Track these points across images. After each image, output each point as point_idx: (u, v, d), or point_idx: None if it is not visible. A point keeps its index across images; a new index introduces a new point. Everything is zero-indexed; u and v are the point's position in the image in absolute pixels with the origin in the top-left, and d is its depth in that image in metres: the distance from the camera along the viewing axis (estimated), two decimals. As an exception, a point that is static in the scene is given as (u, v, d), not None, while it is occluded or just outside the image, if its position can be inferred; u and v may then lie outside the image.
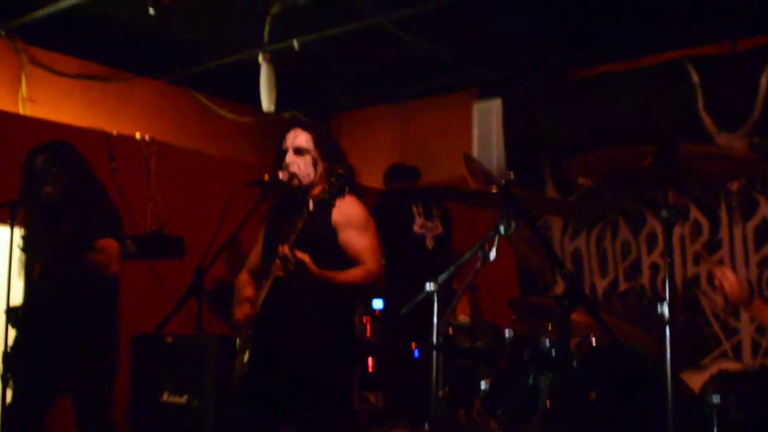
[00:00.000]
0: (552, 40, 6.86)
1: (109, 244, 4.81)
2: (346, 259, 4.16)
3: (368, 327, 6.41)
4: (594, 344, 3.57)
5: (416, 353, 6.27)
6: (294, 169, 4.20)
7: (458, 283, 5.46)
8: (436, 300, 3.62)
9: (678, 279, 6.31)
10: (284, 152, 4.27)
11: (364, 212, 4.24)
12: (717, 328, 6.27)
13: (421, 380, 5.95)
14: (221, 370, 5.69)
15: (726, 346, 6.21)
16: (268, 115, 7.12)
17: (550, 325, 3.89)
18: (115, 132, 6.92)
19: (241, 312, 4.24)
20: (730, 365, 5.86)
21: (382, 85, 8.05)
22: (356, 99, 8.45)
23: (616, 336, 3.37)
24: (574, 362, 3.54)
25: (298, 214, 3.98)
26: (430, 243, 6.56)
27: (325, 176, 4.22)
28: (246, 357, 4.15)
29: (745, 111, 6.25)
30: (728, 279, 3.90)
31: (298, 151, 4.24)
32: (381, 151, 8.21)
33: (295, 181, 4.19)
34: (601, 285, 6.79)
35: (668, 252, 3.25)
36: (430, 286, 3.60)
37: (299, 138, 4.27)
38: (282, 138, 4.33)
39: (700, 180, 3.99)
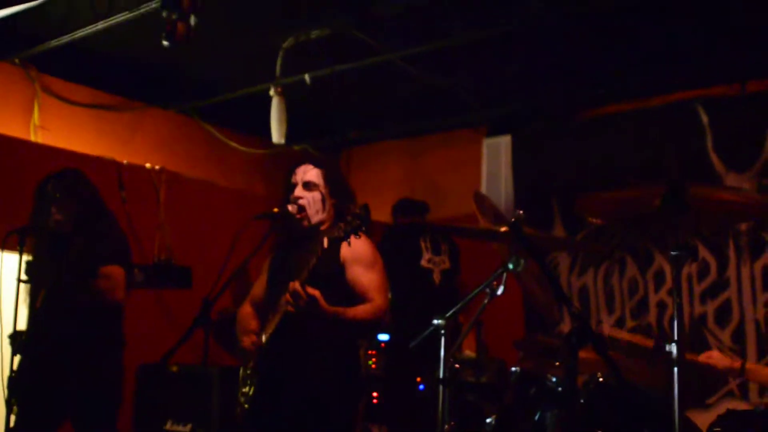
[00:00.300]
0: (562, 79, 6.91)
1: (115, 270, 4.82)
2: (352, 295, 4.16)
3: (373, 360, 6.39)
4: (601, 381, 3.57)
5: (421, 387, 6.27)
6: (303, 202, 4.22)
7: (464, 317, 5.47)
8: (443, 335, 3.63)
9: (685, 317, 6.30)
10: (293, 186, 4.29)
11: (372, 249, 4.25)
12: (723, 368, 6.25)
13: (425, 414, 5.97)
14: (225, 400, 5.70)
15: (732, 385, 6.19)
16: (278, 147, 7.16)
17: (557, 363, 3.88)
18: (125, 161, 6.96)
19: (249, 339, 4.24)
20: (737, 405, 5.84)
21: (393, 120, 8.09)
22: (366, 133, 8.49)
23: (623, 374, 3.37)
24: (582, 399, 3.54)
25: (310, 250, 3.97)
26: (437, 278, 6.56)
27: (335, 212, 4.24)
28: (249, 390, 4.15)
29: (754, 152, 6.27)
30: (714, 359, 3.93)
31: (308, 186, 4.26)
32: (390, 186, 8.23)
33: (305, 222, 4.21)
34: (608, 322, 6.77)
35: (677, 292, 3.26)
36: (438, 321, 3.62)
37: (309, 173, 4.29)
38: (292, 172, 4.35)
39: (709, 221, 4.00)
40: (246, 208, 6.99)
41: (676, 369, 3.16)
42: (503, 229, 3.74)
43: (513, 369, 3.98)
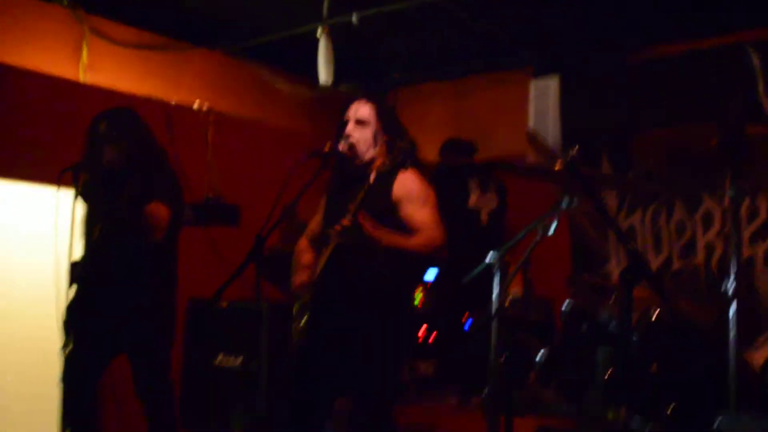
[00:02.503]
0: (612, 19, 6.82)
1: (160, 209, 4.86)
2: (407, 233, 4.18)
3: (421, 297, 6.44)
4: (654, 318, 3.58)
5: (467, 324, 6.31)
6: (354, 140, 4.24)
7: (510, 257, 5.49)
8: (496, 271, 3.66)
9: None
10: (345, 123, 4.31)
11: (425, 185, 4.26)
12: (772, 307, 6.26)
13: (471, 351, 6.03)
14: (275, 335, 5.78)
15: (781, 325, 6.20)
16: (325, 88, 7.16)
17: (611, 299, 3.89)
18: (173, 101, 6.99)
19: (300, 278, 4.29)
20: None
21: (439, 61, 8.05)
22: (412, 75, 8.46)
23: (677, 311, 3.38)
24: (634, 336, 3.56)
25: (359, 186, 4.00)
26: (484, 218, 6.57)
27: (386, 149, 4.26)
28: (303, 323, 4.21)
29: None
30: None
31: (360, 123, 4.28)
32: (436, 127, 8.21)
33: (357, 160, 4.23)
34: (654, 263, 6.76)
35: (735, 230, 3.25)
36: (491, 258, 3.64)
37: (362, 110, 4.31)
38: (344, 109, 4.37)
39: (763, 161, 3.98)
40: (293, 148, 6.98)
41: (733, 306, 3.16)
42: (558, 166, 3.73)
43: (564, 306, 3.99)
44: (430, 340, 6.45)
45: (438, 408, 5.84)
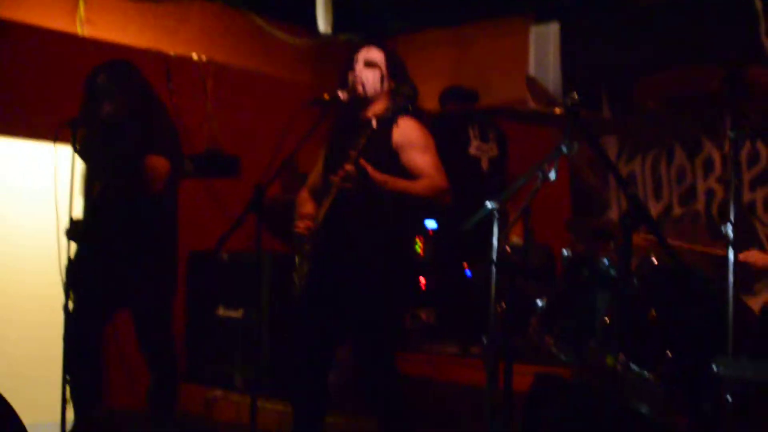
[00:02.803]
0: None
1: (159, 162, 4.85)
2: (409, 179, 4.19)
3: (421, 246, 6.46)
4: (655, 264, 3.58)
5: (468, 272, 6.33)
6: (363, 79, 4.24)
7: (511, 203, 5.49)
8: (496, 218, 3.65)
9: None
10: (353, 64, 4.30)
11: (425, 132, 4.27)
12: (771, 254, 6.25)
13: (472, 299, 6.05)
14: (276, 286, 5.81)
15: (781, 271, 6.20)
16: (324, 37, 7.12)
17: (610, 245, 3.90)
18: (172, 53, 6.96)
19: (301, 228, 4.30)
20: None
21: (438, 8, 7.99)
22: (412, 22, 8.40)
23: (678, 255, 3.39)
24: (635, 281, 3.56)
25: (360, 133, 4.00)
26: (485, 165, 6.56)
27: (389, 96, 4.26)
28: (305, 271, 4.23)
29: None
30: (753, 257, 3.87)
31: (369, 64, 4.28)
32: (436, 75, 8.17)
33: (360, 89, 4.22)
34: (655, 209, 6.76)
35: (736, 173, 3.24)
36: (491, 204, 3.63)
37: (372, 52, 4.33)
38: (352, 55, 4.36)
39: (765, 105, 3.95)
40: (293, 98, 6.93)
41: (731, 251, 3.16)
42: (558, 111, 3.71)
43: (564, 251, 3.99)
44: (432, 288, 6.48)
45: (438, 356, 5.87)
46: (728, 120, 3.44)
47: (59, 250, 4.78)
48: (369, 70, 4.26)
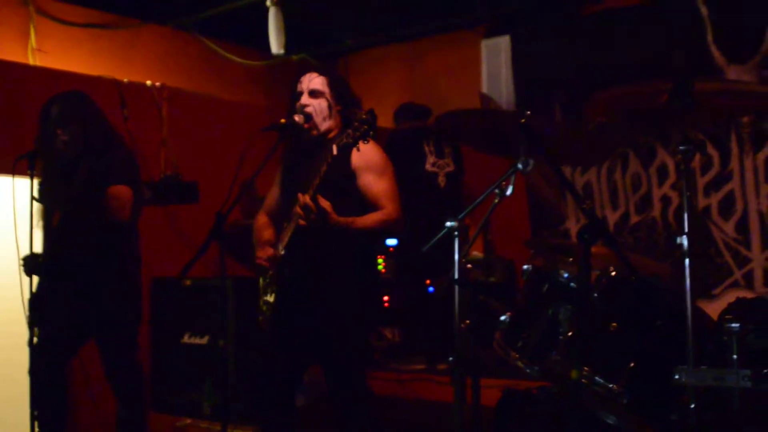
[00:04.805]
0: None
1: (122, 190, 4.84)
2: (364, 203, 4.21)
3: (383, 265, 6.49)
4: (614, 275, 3.63)
5: (430, 289, 6.37)
6: (310, 110, 4.25)
7: (470, 219, 5.54)
8: (456, 236, 3.69)
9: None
10: (299, 95, 4.31)
11: (383, 156, 4.28)
12: (728, 258, 6.34)
13: (435, 316, 6.09)
14: (241, 311, 5.82)
15: (737, 275, 6.29)
16: (277, 58, 7.14)
17: (570, 259, 3.94)
18: (125, 79, 6.94)
19: (264, 253, 4.31)
20: (744, 294, 5.93)
21: (390, 24, 8.04)
22: (364, 39, 8.45)
23: (635, 267, 3.44)
24: (594, 294, 3.61)
25: (320, 159, 4.01)
26: (442, 181, 6.61)
27: (341, 119, 4.28)
28: (271, 298, 4.24)
29: (754, 43, 6.24)
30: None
31: (314, 94, 4.29)
32: (390, 91, 8.23)
33: (314, 131, 4.24)
34: (612, 218, 6.83)
35: (688, 185, 3.31)
36: (451, 223, 3.67)
37: (314, 81, 4.31)
38: (296, 81, 4.38)
39: (714, 115, 4.03)
40: (248, 121, 7.03)
41: (687, 261, 3.23)
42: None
43: (525, 266, 4.04)
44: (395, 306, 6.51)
45: (405, 374, 5.89)
46: (678, 131, 3.50)
47: (21, 285, 4.76)
48: (314, 99, 4.27)
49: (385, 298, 6.48)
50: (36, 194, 4.87)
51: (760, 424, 3.43)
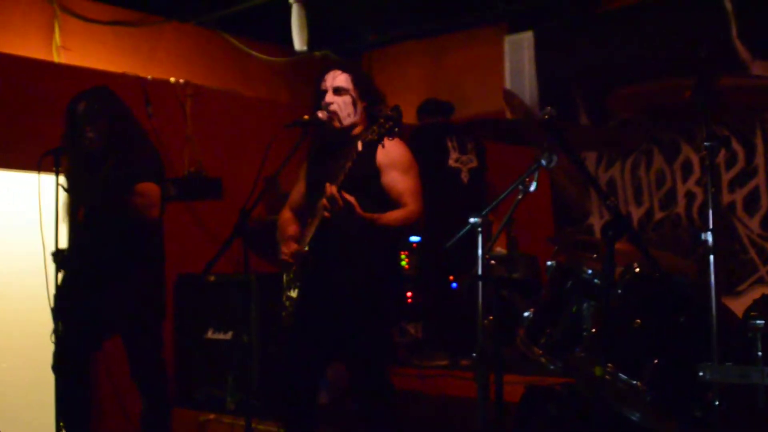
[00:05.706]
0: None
1: (150, 187, 4.88)
2: (387, 199, 4.22)
3: (406, 260, 6.48)
4: (638, 272, 3.62)
5: (454, 285, 6.36)
6: (334, 108, 4.25)
7: (493, 215, 5.53)
8: (480, 232, 3.69)
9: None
10: (323, 92, 4.32)
11: (408, 153, 4.29)
12: (753, 254, 6.31)
13: (458, 311, 6.08)
14: (265, 306, 5.83)
15: (762, 271, 6.25)
16: (300, 54, 7.16)
17: (594, 255, 3.93)
18: (149, 77, 6.97)
19: (288, 249, 4.32)
20: (768, 290, 5.90)
21: (412, 20, 8.03)
22: (386, 36, 8.45)
23: (659, 263, 3.43)
24: (618, 290, 3.60)
25: (345, 155, 4.00)
26: (465, 177, 6.59)
27: (366, 116, 4.28)
28: (295, 293, 4.25)
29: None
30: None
31: (338, 91, 4.29)
32: (412, 88, 8.24)
33: (336, 123, 4.25)
34: (636, 214, 6.81)
35: (712, 182, 3.29)
36: (475, 219, 3.67)
37: (338, 78, 4.32)
38: (320, 79, 4.38)
39: (738, 111, 4.01)
40: (271, 117, 7.06)
41: (711, 257, 3.22)
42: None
43: (548, 263, 4.03)
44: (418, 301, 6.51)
45: (428, 370, 5.89)
46: (703, 127, 3.48)
47: (47, 279, 4.81)
48: (338, 96, 4.27)
49: (408, 294, 6.47)
50: (64, 189, 4.91)
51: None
